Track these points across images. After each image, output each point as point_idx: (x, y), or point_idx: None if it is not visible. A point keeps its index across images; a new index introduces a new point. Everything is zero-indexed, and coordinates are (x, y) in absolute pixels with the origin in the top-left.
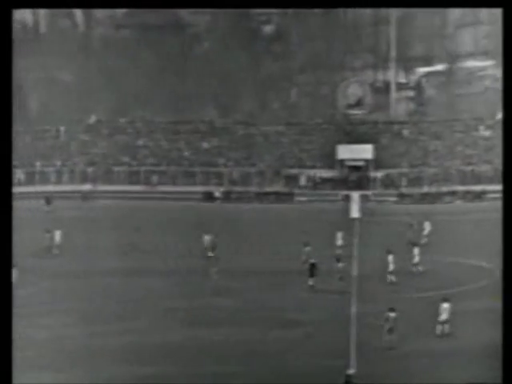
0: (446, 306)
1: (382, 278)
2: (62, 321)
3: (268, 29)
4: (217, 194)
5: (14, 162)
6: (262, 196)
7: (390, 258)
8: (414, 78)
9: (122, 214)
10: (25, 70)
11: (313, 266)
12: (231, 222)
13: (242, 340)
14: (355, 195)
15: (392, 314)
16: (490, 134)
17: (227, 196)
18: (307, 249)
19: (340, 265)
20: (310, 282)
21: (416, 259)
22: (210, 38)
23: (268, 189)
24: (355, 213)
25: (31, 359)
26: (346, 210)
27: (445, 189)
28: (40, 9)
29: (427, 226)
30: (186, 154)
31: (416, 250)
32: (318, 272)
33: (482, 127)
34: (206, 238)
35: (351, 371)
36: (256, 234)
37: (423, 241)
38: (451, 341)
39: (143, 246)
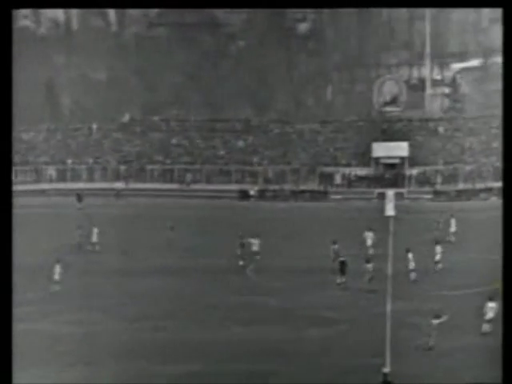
0: (492, 305)
1: (416, 276)
2: (98, 317)
3: (303, 27)
4: (252, 193)
5: (45, 159)
6: (296, 194)
7: (410, 256)
8: (448, 75)
9: (155, 212)
10: (56, 68)
11: (343, 263)
12: (266, 220)
13: (278, 338)
14: (390, 193)
15: (436, 321)
16: None
17: (262, 194)
18: (335, 247)
19: (369, 265)
20: (339, 279)
21: (438, 257)
22: (246, 37)
23: (303, 187)
24: (390, 211)
25: (64, 354)
26: (381, 208)
27: (480, 186)
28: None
29: (453, 223)
30: (221, 152)
31: (438, 248)
32: (348, 270)
33: None
34: (253, 241)
35: (386, 370)
36: (291, 232)
37: (451, 238)
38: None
39: (179, 244)
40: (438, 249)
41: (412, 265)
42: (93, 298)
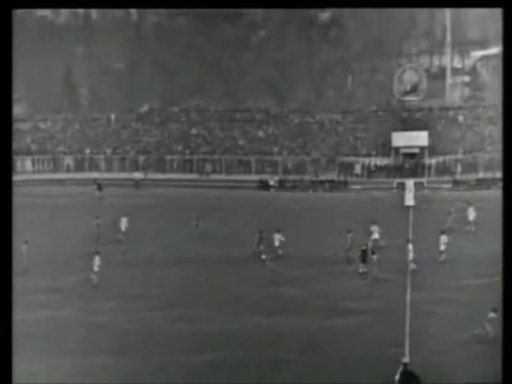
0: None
1: (435, 266)
2: (127, 306)
3: (324, 16)
4: (271, 183)
5: (63, 149)
6: (316, 184)
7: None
8: (469, 63)
9: (175, 202)
10: (75, 58)
11: (364, 252)
12: (286, 210)
13: (300, 329)
14: (410, 183)
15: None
16: None
17: (282, 184)
18: (350, 235)
19: (374, 257)
20: (361, 268)
21: (442, 247)
22: (266, 27)
23: (322, 177)
24: (410, 201)
25: (89, 343)
26: (401, 198)
27: (500, 175)
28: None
29: (472, 212)
30: (241, 142)
31: (444, 238)
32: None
33: None
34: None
35: (406, 360)
36: (311, 222)
37: (470, 228)
38: None
39: (201, 235)
40: (444, 238)
41: (411, 255)
42: (133, 288)
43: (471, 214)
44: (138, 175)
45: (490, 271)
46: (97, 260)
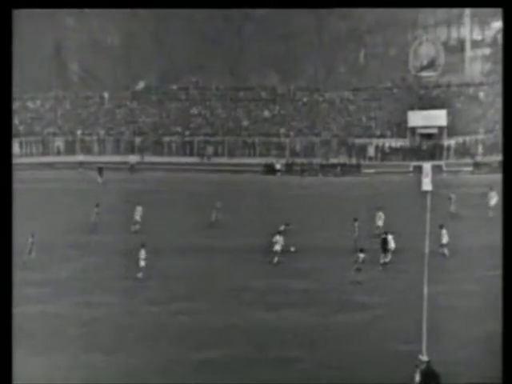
0: None
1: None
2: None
3: None
4: (278, 167)
5: (53, 130)
6: (326, 168)
7: (443, 232)
8: (490, 34)
9: (175, 187)
10: (65, 31)
11: (384, 241)
12: (293, 196)
13: (308, 323)
14: (427, 166)
15: None
16: None
17: (289, 168)
18: (356, 224)
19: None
20: (382, 259)
21: (444, 240)
22: None
23: (333, 160)
24: (427, 185)
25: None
26: (418, 183)
27: None
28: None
29: (493, 197)
30: (245, 123)
31: (444, 230)
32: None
33: None
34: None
35: (424, 357)
36: (320, 209)
37: (489, 215)
38: None
39: (206, 222)
40: (444, 231)
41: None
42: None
43: (493, 199)
44: (133, 158)
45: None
46: (143, 254)
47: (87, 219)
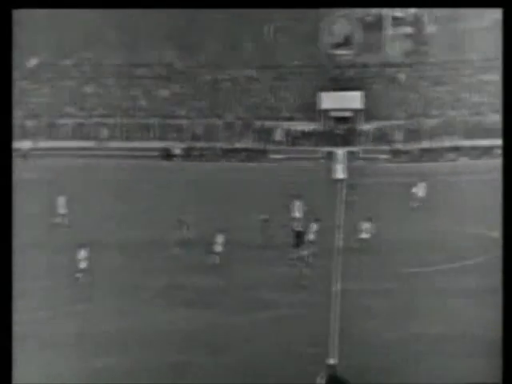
0: None
1: (367, 252)
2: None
3: None
4: (176, 151)
5: None
6: (230, 153)
7: (364, 225)
8: (412, 11)
9: (72, 175)
10: None
11: (299, 234)
12: (193, 184)
13: (207, 325)
14: (340, 152)
15: None
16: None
17: (189, 153)
18: (263, 217)
19: (306, 239)
20: (295, 253)
21: (364, 233)
22: None
23: (237, 145)
24: (340, 173)
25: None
26: (330, 170)
27: (448, 144)
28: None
29: (421, 188)
30: (142, 103)
31: (365, 223)
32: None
33: (493, 70)
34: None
35: (332, 361)
36: (223, 198)
37: (416, 205)
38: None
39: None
40: (365, 225)
41: (364, 235)
42: None
43: (421, 190)
44: (26, 144)
45: (436, 258)
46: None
47: None
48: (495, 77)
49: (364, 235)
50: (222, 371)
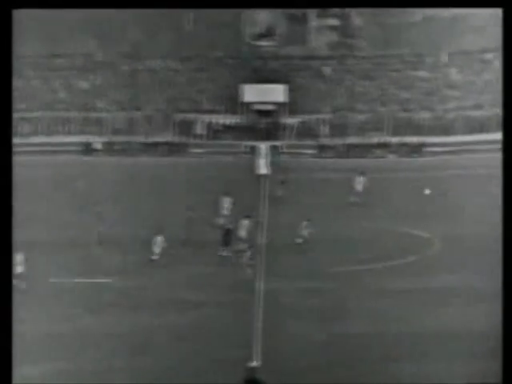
0: None
1: (295, 249)
2: None
3: None
4: (97, 146)
5: None
6: (150, 147)
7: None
8: None
9: None
10: None
11: (228, 232)
12: (112, 180)
13: (128, 326)
14: (263, 147)
15: None
16: (432, 74)
17: (109, 148)
18: (188, 214)
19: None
20: (224, 252)
21: (294, 231)
22: None
23: (157, 138)
24: (263, 168)
25: None
26: (252, 165)
27: (375, 140)
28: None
29: (360, 183)
30: (61, 95)
31: (296, 221)
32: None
33: (422, 65)
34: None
35: (253, 364)
36: (139, 194)
37: (352, 201)
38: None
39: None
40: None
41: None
42: None
43: (359, 185)
44: None
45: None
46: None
47: None
48: (425, 73)
49: (296, 232)
50: (142, 375)
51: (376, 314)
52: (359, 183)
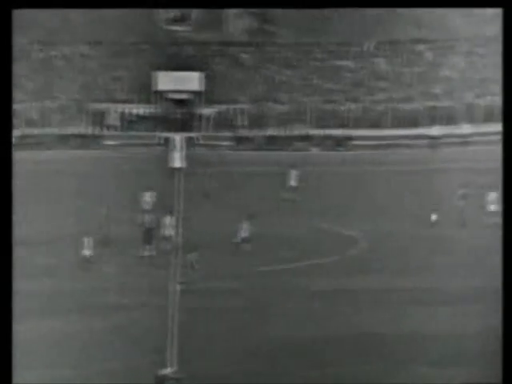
0: None
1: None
2: None
3: None
4: (12, 140)
5: None
6: (64, 139)
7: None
8: None
9: None
10: None
11: (150, 230)
12: (22, 175)
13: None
14: (177, 138)
15: None
16: (358, 64)
17: (23, 141)
18: (104, 211)
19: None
20: (146, 251)
21: (243, 233)
22: None
23: (70, 130)
24: (177, 161)
25: None
26: (166, 158)
27: (296, 132)
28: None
29: (293, 178)
30: None
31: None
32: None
33: (348, 55)
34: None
35: (168, 370)
36: (52, 191)
37: (285, 197)
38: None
39: None
40: (247, 225)
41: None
42: None
43: (292, 180)
44: None
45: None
46: None
47: None
48: (349, 63)
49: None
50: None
51: (292, 314)
52: (293, 178)
